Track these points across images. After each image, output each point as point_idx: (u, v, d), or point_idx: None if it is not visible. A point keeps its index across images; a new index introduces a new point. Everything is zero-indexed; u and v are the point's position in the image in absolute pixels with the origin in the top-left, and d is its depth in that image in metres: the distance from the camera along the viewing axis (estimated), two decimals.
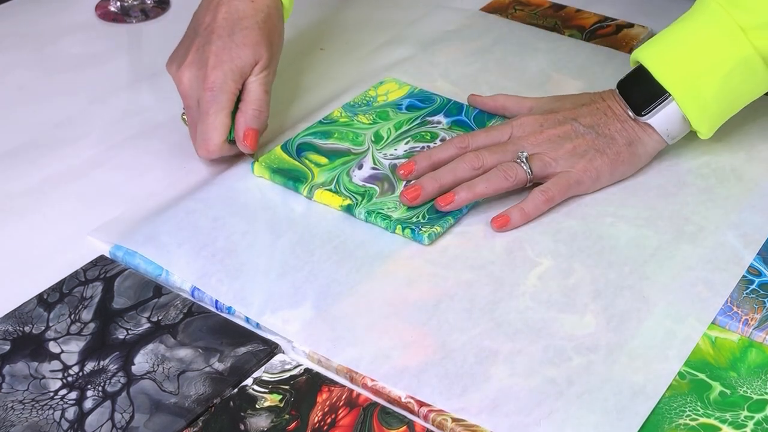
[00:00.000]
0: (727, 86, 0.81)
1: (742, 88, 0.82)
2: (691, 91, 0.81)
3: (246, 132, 0.84)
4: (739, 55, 0.80)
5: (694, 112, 0.82)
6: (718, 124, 0.84)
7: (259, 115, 0.84)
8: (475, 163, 0.82)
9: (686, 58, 0.82)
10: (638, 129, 0.84)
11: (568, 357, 0.69)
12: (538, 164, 0.82)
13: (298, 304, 0.73)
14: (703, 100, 0.81)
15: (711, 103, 0.82)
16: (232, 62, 0.83)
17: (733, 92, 0.82)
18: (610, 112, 0.85)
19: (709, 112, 0.82)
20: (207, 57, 0.84)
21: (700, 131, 0.84)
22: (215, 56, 0.83)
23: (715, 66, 0.81)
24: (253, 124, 0.84)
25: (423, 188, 0.81)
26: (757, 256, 0.77)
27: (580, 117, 0.85)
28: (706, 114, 0.82)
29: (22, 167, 0.88)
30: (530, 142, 0.83)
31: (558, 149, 0.83)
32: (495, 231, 0.80)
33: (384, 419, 0.65)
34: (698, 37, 0.82)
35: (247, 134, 0.84)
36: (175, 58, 0.87)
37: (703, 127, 0.83)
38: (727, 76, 0.81)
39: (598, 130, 0.84)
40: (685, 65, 0.82)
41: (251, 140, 0.84)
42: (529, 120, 0.85)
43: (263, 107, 0.85)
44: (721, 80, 0.81)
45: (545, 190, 0.81)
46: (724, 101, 0.82)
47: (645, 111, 0.83)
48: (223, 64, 0.83)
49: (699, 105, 0.82)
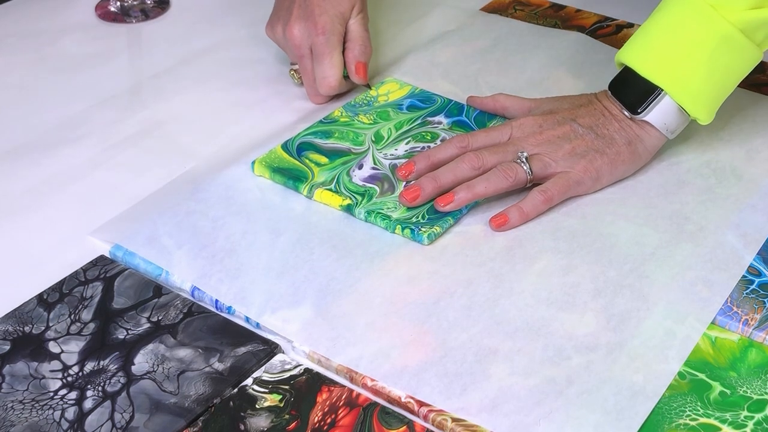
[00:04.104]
0: (714, 67, 0.81)
1: (729, 66, 0.82)
2: (680, 80, 0.82)
3: (357, 65, 0.95)
4: (718, 33, 0.80)
5: (688, 101, 0.82)
6: (715, 107, 0.84)
7: (365, 49, 0.95)
8: (475, 163, 0.82)
9: (668, 49, 0.82)
10: (636, 128, 0.84)
11: (568, 356, 0.69)
12: (538, 164, 0.82)
13: (297, 303, 0.73)
14: (694, 86, 0.82)
15: (702, 88, 0.82)
16: (335, 9, 0.94)
17: (721, 71, 0.82)
18: (607, 112, 0.85)
19: (702, 97, 0.82)
20: (312, 9, 0.94)
21: (699, 118, 0.83)
22: (319, 7, 0.94)
23: (697, 50, 0.81)
24: (362, 58, 0.95)
25: (422, 189, 0.81)
26: (757, 256, 0.77)
27: (579, 118, 0.85)
28: (700, 100, 0.82)
29: (22, 167, 0.88)
30: (530, 142, 0.83)
31: (558, 150, 0.83)
32: (494, 230, 0.80)
33: (384, 419, 0.65)
34: (674, 25, 0.82)
35: (358, 67, 0.95)
36: (277, 20, 0.97)
37: (700, 113, 0.83)
38: (712, 57, 0.81)
39: (597, 131, 0.84)
40: (668, 57, 0.82)
41: (362, 72, 0.95)
42: (528, 121, 0.85)
43: (366, 43, 0.96)
44: (707, 62, 0.81)
45: (544, 190, 0.81)
46: (714, 82, 0.82)
47: (640, 109, 0.83)
48: (327, 11, 0.94)
49: (691, 92, 0.82)
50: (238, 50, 1.06)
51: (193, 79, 1.01)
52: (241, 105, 0.97)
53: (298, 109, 0.95)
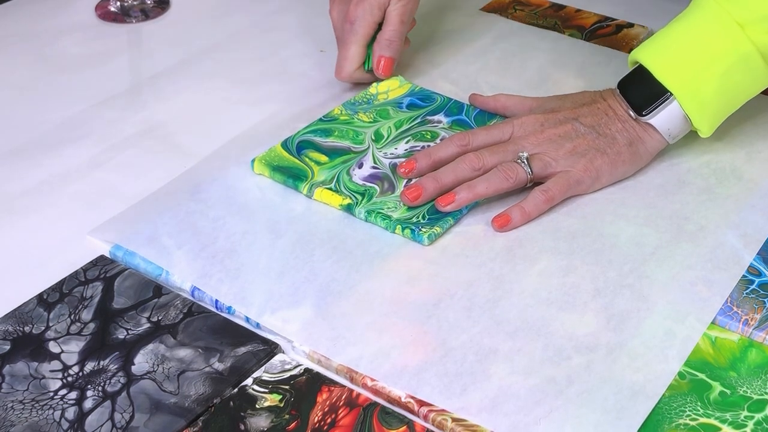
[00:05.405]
0: (726, 83, 0.81)
1: (741, 85, 0.82)
2: (692, 89, 0.81)
3: (378, 60, 0.93)
4: (738, 51, 0.80)
5: (695, 110, 0.82)
6: (718, 121, 0.84)
7: (389, 44, 0.93)
8: (476, 164, 0.82)
9: (685, 56, 0.82)
10: (639, 129, 0.84)
11: (568, 356, 0.69)
12: (538, 164, 0.82)
13: (298, 303, 0.73)
14: (702, 98, 0.81)
15: (710, 101, 0.82)
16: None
17: (732, 89, 0.82)
18: (611, 112, 0.85)
19: (709, 109, 0.82)
20: None
21: (700, 130, 0.83)
22: None
23: (714, 63, 0.81)
24: (386, 52, 0.93)
25: (424, 188, 0.81)
26: (757, 256, 0.77)
27: (581, 117, 0.85)
28: (706, 112, 0.82)
29: (22, 167, 0.88)
30: (531, 141, 0.83)
31: (559, 149, 0.83)
32: (496, 231, 0.80)
33: (384, 419, 0.65)
34: (696, 34, 0.82)
35: (379, 62, 0.93)
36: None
37: (703, 125, 0.83)
38: (726, 73, 0.81)
39: (599, 130, 0.84)
40: (684, 63, 0.82)
41: (383, 68, 0.93)
42: (530, 119, 0.85)
43: (394, 36, 0.93)
44: (720, 77, 0.81)
45: (546, 189, 0.81)
46: (723, 98, 0.82)
47: (646, 111, 0.83)
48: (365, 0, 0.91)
49: (699, 103, 0.82)
50: (238, 50, 1.06)
51: (193, 79, 1.01)
52: (241, 105, 0.97)
53: (297, 107, 0.95)
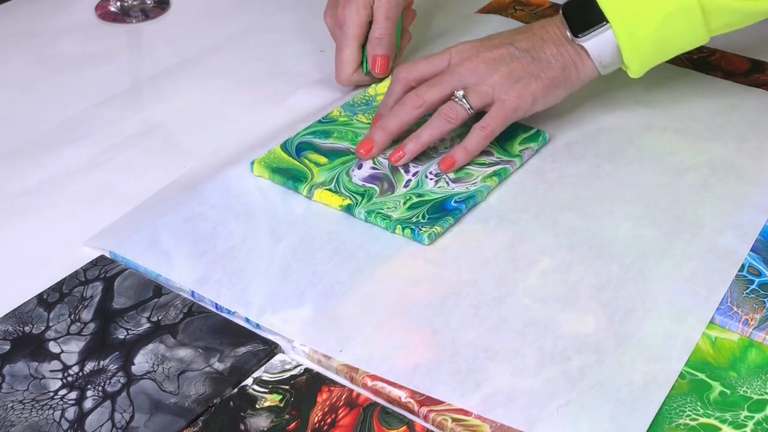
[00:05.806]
0: (663, 28, 0.83)
1: (677, 34, 0.84)
2: (629, 24, 0.83)
3: (373, 60, 0.94)
4: (681, 0, 0.82)
5: (627, 45, 0.84)
6: (648, 65, 0.86)
7: (380, 42, 0.93)
8: (416, 102, 0.85)
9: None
10: (573, 53, 0.86)
11: (578, 350, 0.69)
12: (475, 97, 0.84)
13: (299, 305, 0.73)
14: (638, 35, 0.83)
15: (644, 40, 0.84)
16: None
17: (668, 36, 0.84)
18: (546, 35, 0.87)
19: (641, 48, 0.84)
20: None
21: (630, 68, 0.85)
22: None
23: (657, 5, 0.82)
24: (378, 50, 0.93)
25: (374, 140, 0.84)
26: (757, 256, 0.77)
27: (516, 41, 0.87)
28: (638, 50, 0.84)
29: (22, 167, 0.88)
30: (467, 67, 0.85)
31: (494, 74, 0.85)
32: (443, 172, 0.83)
33: (384, 419, 0.65)
34: None
35: (374, 62, 0.94)
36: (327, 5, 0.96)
37: (633, 63, 0.85)
38: (665, 19, 0.82)
39: (533, 54, 0.86)
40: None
41: (379, 66, 0.94)
42: (466, 46, 0.88)
43: (383, 33, 0.93)
44: (659, 21, 0.82)
45: (485, 126, 0.84)
46: (657, 43, 0.84)
47: (582, 33, 0.84)
48: (351, 1, 0.92)
49: (633, 39, 0.83)
50: (238, 50, 1.06)
51: (193, 79, 1.01)
52: (241, 105, 0.97)
53: (297, 108, 0.95)
